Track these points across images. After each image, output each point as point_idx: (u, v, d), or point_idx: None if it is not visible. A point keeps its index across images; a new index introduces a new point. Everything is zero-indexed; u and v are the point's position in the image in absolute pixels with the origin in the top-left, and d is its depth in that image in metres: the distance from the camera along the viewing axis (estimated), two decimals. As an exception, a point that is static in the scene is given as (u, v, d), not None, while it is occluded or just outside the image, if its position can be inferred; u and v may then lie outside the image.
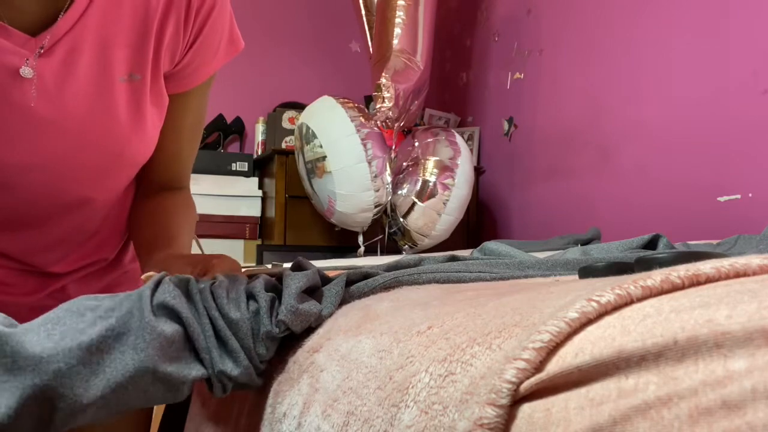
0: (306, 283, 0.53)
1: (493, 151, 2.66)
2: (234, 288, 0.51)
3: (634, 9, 1.97)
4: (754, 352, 0.23)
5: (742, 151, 1.61)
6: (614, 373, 0.27)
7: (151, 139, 0.77)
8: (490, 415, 0.29)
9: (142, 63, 0.70)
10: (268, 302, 0.50)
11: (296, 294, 0.51)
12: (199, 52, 0.75)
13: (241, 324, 0.49)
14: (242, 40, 0.81)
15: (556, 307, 0.32)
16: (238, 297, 0.50)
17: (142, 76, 0.71)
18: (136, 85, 0.71)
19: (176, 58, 0.74)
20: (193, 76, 0.78)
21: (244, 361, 0.49)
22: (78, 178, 0.74)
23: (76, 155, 0.72)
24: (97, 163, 0.74)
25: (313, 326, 0.54)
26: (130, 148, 0.74)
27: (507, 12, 2.62)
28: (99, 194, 0.79)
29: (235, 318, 0.49)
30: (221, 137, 2.71)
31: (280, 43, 2.89)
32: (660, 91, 1.86)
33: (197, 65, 0.77)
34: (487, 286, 0.56)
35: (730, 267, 0.31)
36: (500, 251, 0.94)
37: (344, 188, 2.02)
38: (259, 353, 0.50)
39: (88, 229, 0.83)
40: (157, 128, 0.77)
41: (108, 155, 0.73)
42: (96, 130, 0.71)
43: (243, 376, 0.49)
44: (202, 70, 0.78)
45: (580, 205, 2.16)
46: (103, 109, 0.70)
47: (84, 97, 0.68)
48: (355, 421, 0.40)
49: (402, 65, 2.11)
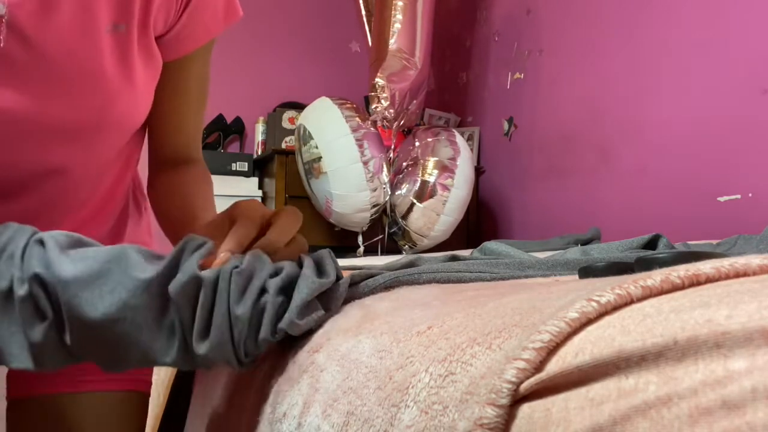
0: (315, 293, 0.53)
1: (493, 151, 2.66)
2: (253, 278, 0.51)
3: (634, 9, 1.97)
4: (755, 352, 0.23)
5: (742, 151, 1.61)
6: (614, 373, 0.27)
7: (142, 100, 0.72)
8: (490, 415, 0.29)
9: (127, 13, 0.67)
10: (275, 308, 0.51)
11: (299, 307, 0.51)
12: (195, 14, 0.73)
13: (242, 321, 0.50)
14: (240, 10, 0.79)
15: (556, 307, 0.32)
16: (250, 290, 0.51)
17: (128, 27, 0.67)
18: (121, 37, 0.67)
19: (170, 19, 0.72)
20: (190, 38, 0.75)
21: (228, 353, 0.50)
22: (51, 138, 0.68)
23: (51, 107, 0.65)
24: (76, 118, 0.67)
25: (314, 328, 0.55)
26: (117, 105, 0.69)
27: (507, 12, 2.62)
28: (76, 161, 0.72)
29: (237, 314, 0.50)
30: (221, 137, 2.71)
31: (281, 43, 2.89)
32: (660, 91, 1.86)
33: (193, 27, 0.74)
34: (487, 286, 0.56)
35: (730, 267, 0.31)
36: (500, 251, 0.94)
37: (340, 188, 2.03)
38: (248, 350, 0.51)
39: (65, 206, 0.75)
40: (149, 90, 0.73)
41: (90, 110, 0.67)
42: (77, 79, 0.65)
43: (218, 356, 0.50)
44: (200, 32, 0.76)
45: (580, 205, 2.16)
46: (86, 57, 0.65)
47: (64, 42, 0.63)
48: (355, 421, 0.40)
49: (399, 65, 2.11)
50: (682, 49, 1.80)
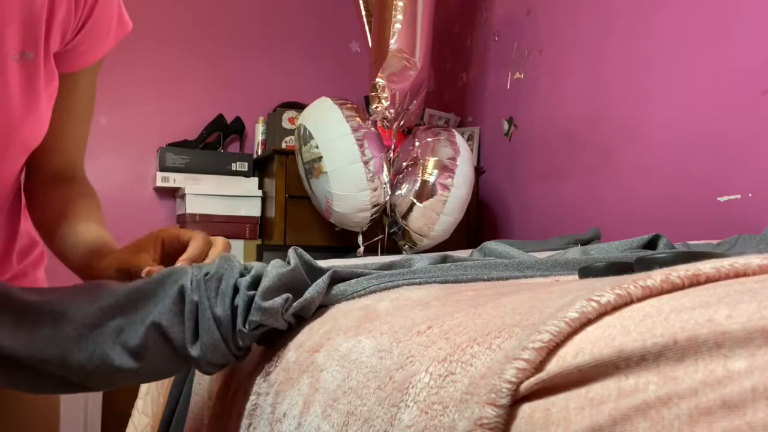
0: (279, 281, 0.56)
1: (493, 151, 2.66)
2: (225, 280, 0.57)
3: (634, 9, 1.97)
4: (755, 352, 0.23)
5: (742, 151, 1.61)
6: (614, 373, 0.27)
7: (45, 121, 0.73)
8: (490, 415, 0.29)
9: (34, 41, 0.67)
10: (245, 302, 0.55)
11: (263, 293, 0.55)
12: (90, 33, 0.74)
13: (224, 320, 0.55)
14: (130, 22, 0.80)
15: (556, 307, 0.32)
16: (226, 290, 0.56)
17: (35, 55, 0.68)
18: (28, 64, 0.68)
19: (67, 37, 0.72)
20: (83, 56, 0.76)
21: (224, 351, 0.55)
22: None
23: None
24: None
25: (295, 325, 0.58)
26: (23, 130, 0.70)
27: (507, 12, 2.62)
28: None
29: (218, 314, 0.55)
30: (221, 137, 2.71)
31: (280, 43, 2.89)
32: (660, 91, 1.87)
33: (88, 46, 0.75)
34: (486, 286, 0.56)
35: (730, 267, 0.31)
36: (500, 251, 0.94)
37: (340, 188, 2.03)
38: (236, 345, 0.56)
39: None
40: (50, 109, 0.74)
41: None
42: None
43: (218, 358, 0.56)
44: (93, 51, 0.77)
45: (580, 205, 2.16)
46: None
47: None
48: (355, 421, 0.40)
49: (400, 65, 2.11)
50: (682, 50, 1.80)
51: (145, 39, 2.59)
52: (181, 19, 2.72)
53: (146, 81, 2.65)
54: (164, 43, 2.68)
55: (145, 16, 2.53)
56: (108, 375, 0.54)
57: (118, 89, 2.54)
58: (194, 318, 0.54)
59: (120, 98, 2.56)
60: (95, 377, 0.55)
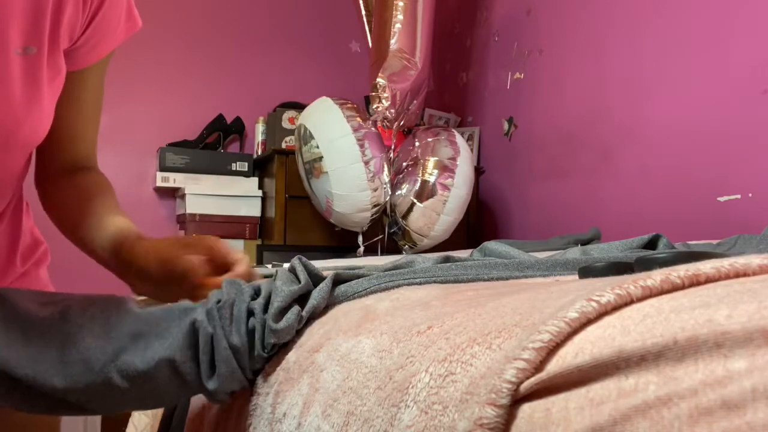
0: (288, 299, 0.56)
1: (493, 151, 2.66)
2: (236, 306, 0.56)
3: (634, 9, 1.97)
4: (755, 352, 0.23)
5: (742, 151, 1.61)
6: (614, 373, 0.27)
7: (47, 117, 0.73)
8: (490, 415, 0.29)
9: (38, 36, 0.68)
10: (262, 326, 0.55)
11: (274, 314, 0.55)
12: (99, 29, 0.74)
13: (240, 348, 0.54)
14: (140, 19, 0.81)
15: (556, 307, 0.32)
16: (239, 317, 0.55)
17: (38, 50, 0.68)
18: (31, 59, 0.68)
19: (75, 34, 0.73)
20: (92, 52, 0.77)
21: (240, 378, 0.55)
22: None
23: None
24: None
25: (299, 328, 0.57)
26: (24, 127, 0.70)
27: (507, 12, 2.62)
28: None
29: (235, 344, 0.54)
30: (221, 137, 2.71)
31: (281, 43, 2.89)
32: (660, 91, 1.86)
33: (96, 42, 0.76)
34: (486, 286, 0.56)
35: (730, 267, 0.31)
36: (500, 251, 0.93)
37: (340, 188, 2.03)
38: (253, 370, 0.56)
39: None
40: (53, 105, 0.74)
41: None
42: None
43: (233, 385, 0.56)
44: (102, 46, 0.77)
45: (580, 205, 2.16)
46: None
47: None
48: (355, 421, 0.40)
49: (400, 65, 2.10)
50: (682, 50, 1.80)
51: (145, 39, 2.59)
52: (182, 19, 2.72)
53: (146, 81, 2.66)
54: (164, 43, 2.68)
55: (145, 16, 2.51)
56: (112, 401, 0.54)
57: (118, 89, 2.54)
58: (209, 351, 0.53)
59: (120, 98, 2.56)
60: (97, 401, 0.54)
